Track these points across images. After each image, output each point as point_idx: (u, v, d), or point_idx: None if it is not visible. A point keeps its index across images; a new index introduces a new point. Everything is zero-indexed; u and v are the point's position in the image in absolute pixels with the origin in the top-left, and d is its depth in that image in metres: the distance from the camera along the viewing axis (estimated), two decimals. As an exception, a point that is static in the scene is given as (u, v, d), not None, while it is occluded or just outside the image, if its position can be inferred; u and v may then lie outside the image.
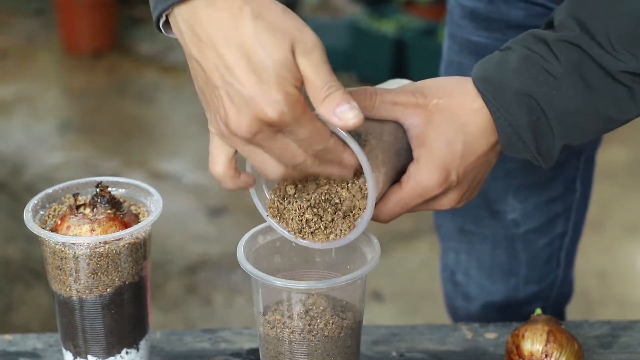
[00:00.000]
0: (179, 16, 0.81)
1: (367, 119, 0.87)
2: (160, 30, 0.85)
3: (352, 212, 0.87)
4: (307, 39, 0.78)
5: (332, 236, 0.87)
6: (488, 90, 0.88)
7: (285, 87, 0.77)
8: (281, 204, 0.87)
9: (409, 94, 0.89)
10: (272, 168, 0.83)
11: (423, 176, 0.88)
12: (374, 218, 0.90)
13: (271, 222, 0.88)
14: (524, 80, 0.87)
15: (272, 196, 0.88)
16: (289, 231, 0.87)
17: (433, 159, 0.88)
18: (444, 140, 0.88)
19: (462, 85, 0.90)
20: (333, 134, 0.81)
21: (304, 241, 0.87)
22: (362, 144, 0.85)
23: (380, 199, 0.89)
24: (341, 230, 0.87)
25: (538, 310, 1.04)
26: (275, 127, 0.79)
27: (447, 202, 0.91)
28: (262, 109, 0.77)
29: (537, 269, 1.28)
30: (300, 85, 0.78)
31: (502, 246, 1.27)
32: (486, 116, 0.89)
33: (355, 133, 0.85)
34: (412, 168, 0.88)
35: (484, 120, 0.89)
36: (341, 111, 0.79)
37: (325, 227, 0.86)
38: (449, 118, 0.88)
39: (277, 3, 0.80)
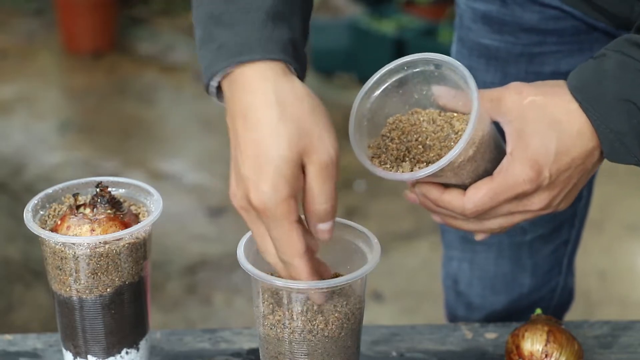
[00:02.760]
0: (223, 84, 0.85)
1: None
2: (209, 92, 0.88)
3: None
4: (325, 151, 0.80)
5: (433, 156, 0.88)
6: (586, 99, 0.89)
7: (278, 183, 0.79)
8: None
9: (506, 91, 0.90)
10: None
11: (515, 169, 0.88)
12: (461, 209, 0.90)
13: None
14: (621, 85, 0.87)
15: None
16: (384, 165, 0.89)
17: (527, 154, 0.88)
18: (538, 136, 0.88)
19: (559, 87, 0.91)
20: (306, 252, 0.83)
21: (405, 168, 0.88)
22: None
23: (471, 187, 0.90)
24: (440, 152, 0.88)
25: (538, 310, 1.04)
26: (257, 214, 0.81)
27: (538, 202, 0.91)
28: (250, 191, 0.80)
29: (540, 277, 1.28)
30: (297, 189, 0.80)
31: (506, 255, 1.27)
32: (582, 118, 0.89)
33: None
34: (505, 161, 0.89)
35: (580, 121, 0.89)
36: (322, 228, 0.83)
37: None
38: (544, 115, 0.89)
39: (310, 98, 0.81)
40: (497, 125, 0.92)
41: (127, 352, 0.98)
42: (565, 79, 1.12)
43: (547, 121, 0.89)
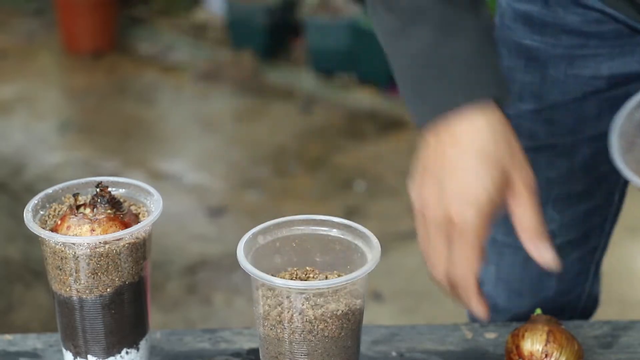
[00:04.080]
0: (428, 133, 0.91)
1: None
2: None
3: None
4: (527, 175, 0.89)
5: None
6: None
7: (482, 210, 0.87)
8: None
9: None
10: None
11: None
12: None
13: None
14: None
15: None
16: None
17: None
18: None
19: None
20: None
21: None
22: None
23: None
24: None
25: (538, 310, 1.04)
26: (451, 228, 0.88)
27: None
28: (453, 208, 0.88)
29: (567, 282, 1.28)
30: (495, 214, 0.88)
31: (533, 259, 1.26)
32: None
33: None
34: None
35: None
36: (542, 247, 0.91)
37: None
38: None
39: (505, 134, 0.89)
40: None
41: (127, 352, 0.98)
42: (605, 82, 1.14)
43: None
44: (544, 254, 0.91)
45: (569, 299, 1.29)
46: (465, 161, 0.88)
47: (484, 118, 0.89)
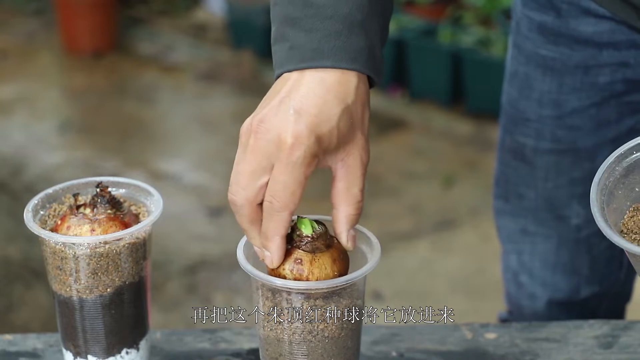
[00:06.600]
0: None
1: None
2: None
3: None
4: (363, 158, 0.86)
5: None
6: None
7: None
8: None
9: None
10: None
11: None
12: None
13: None
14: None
15: None
16: None
17: None
18: None
19: None
20: None
21: None
22: None
23: None
24: None
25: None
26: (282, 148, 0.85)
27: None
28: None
29: (599, 270, 1.30)
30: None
31: (566, 246, 1.28)
32: None
33: None
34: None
35: None
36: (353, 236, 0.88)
37: None
38: None
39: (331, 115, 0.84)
40: None
41: (127, 352, 0.98)
42: (622, 86, 1.14)
43: None
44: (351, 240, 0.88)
45: (603, 286, 1.31)
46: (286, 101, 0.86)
47: (344, 84, 0.85)
